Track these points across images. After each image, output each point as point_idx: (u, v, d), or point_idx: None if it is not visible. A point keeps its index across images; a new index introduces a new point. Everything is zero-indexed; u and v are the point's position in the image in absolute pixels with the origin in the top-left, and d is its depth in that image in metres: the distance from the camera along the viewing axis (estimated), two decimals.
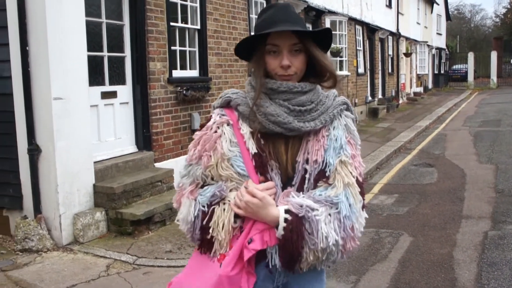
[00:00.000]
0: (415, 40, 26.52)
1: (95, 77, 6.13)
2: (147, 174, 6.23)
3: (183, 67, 7.63)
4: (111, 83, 6.44)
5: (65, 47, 5.31)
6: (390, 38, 21.46)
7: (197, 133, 1.80)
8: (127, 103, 6.67)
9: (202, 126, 1.81)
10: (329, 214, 1.61)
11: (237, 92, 1.80)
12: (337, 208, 1.62)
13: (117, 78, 6.55)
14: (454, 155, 10.46)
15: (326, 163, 1.67)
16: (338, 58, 14.20)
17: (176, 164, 6.91)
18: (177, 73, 7.37)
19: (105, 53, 6.30)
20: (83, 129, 5.58)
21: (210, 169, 1.72)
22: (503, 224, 5.92)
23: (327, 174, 1.66)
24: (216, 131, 1.74)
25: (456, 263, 4.82)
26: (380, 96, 19.55)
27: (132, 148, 6.73)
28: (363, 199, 1.72)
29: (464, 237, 5.51)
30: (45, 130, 5.26)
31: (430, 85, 31.81)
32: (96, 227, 5.53)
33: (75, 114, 5.45)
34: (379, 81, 19.60)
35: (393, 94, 21.46)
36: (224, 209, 1.69)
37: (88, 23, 5.76)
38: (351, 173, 1.67)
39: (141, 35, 6.64)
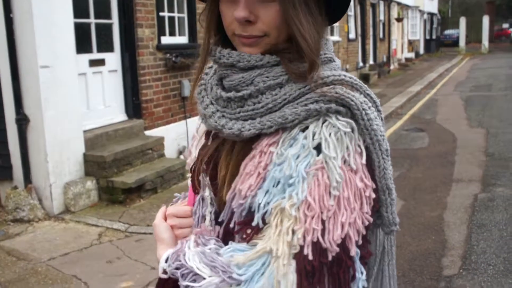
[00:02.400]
0: (407, 5, 26.27)
1: (82, 45, 6.02)
2: (137, 142, 6.20)
3: (172, 34, 7.51)
4: (99, 51, 6.34)
5: (50, 13, 5.20)
6: (381, 3, 21.23)
7: None
8: (115, 70, 6.59)
9: None
10: None
11: (211, 66, 1.15)
12: None
13: (105, 45, 6.45)
14: (445, 120, 10.48)
15: (256, 204, 0.93)
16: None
17: (166, 132, 6.87)
18: (166, 40, 7.26)
19: (92, 20, 6.18)
20: (71, 98, 5.51)
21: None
22: (492, 186, 5.97)
23: (256, 222, 0.93)
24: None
25: (447, 225, 4.87)
26: (371, 61, 19.45)
27: (122, 116, 6.67)
28: None
29: (454, 200, 5.56)
30: (32, 99, 5.19)
31: (421, 51, 31.66)
32: (87, 196, 5.51)
33: (63, 83, 5.37)
34: (370, 47, 19.48)
35: (385, 59, 21.36)
36: None
37: None
38: (291, 231, 0.88)
39: (128, 1, 6.50)
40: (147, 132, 6.75)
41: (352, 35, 16.78)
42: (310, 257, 0.86)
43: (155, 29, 6.93)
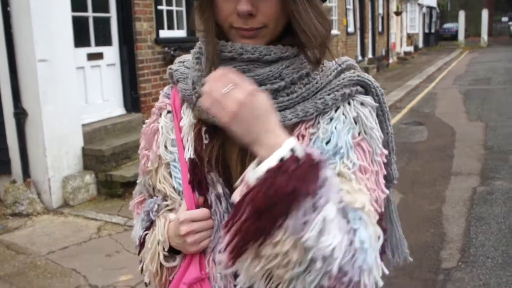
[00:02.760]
0: None
1: (80, 39, 6.01)
2: (136, 136, 6.18)
3: (170, 27, 7.50)
4: (97, 44, 6.32)
5: (48, 7, 5.17)
6: None
7: (146, 121, 1.24)
8: (114, 64, 6.57)
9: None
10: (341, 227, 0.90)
11: (185, 61, 1.17)
12: (352, 231, 0.91)
13: (103, 39, 6.43)
14: (444, 113, 10.48)
15: None
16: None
17: None
18: (164, 33, 7.24)
19: (90, 14, 6.16)
20: (70, 92, 5.50)
21: (150, 177, 1.19)
22: (491, 180, 5.97)
23: None
24: (155, 121, 1.19)
25: (445, 219, 4.88)
26: (370, 55, 19.43)
27: (120, 110, 6.66)
28: (383, 244, 0.98)
29: (453, 193, 5.56)
30: (31, 93, 5.18)
31: (420, 44, 31.63)
32: (86, 190, 5.51)
33: (61, 76, 5.35)
34: (369, 41, 19.45)
35: (383, 53, 21.33)
36: (151, 239, 1.14)
37: None
38: (359, 190, 0.97)
39: None
40: (144, 126, 6.72)
41: (351, 29, 16.75)
42: (379, 211, 1.00)
43: (153, 22, 6.91)
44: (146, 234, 1.16)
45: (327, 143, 1.00)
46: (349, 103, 1.04)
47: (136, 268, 1.20)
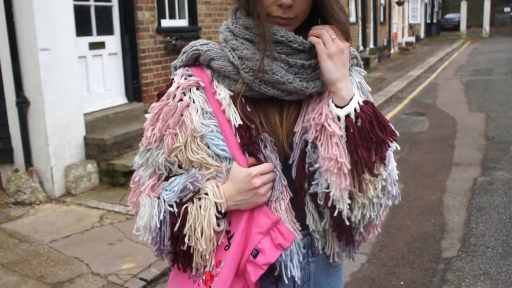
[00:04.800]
0: None
1: (82, 28, 6.00)
2: (137, 125, 6.19)
3: (172, 17, 7.48)
4: (98, 34, 6.31)
5: None
6: None
7: (153, 104, 1.30)
8: (115, 53, 6.57)
9: (160, 94, 1.31)
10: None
11: (207, 43, 1.28)
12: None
13: (105, 28, 6.42)
14: (445, 104, 10.47)
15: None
16: None
17: None
18: (166, 23, 7.23)
19: (91, 2, 6.15)
20: (71, 81, 5.50)
21: (176, 153, 1.25)
22: (492, 170, 5.99)
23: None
24: (181, 99, 1.25)
25: (446, 209, 4.90)
26: (371, 45, 19.37)
27: (122, 100, 6.66)
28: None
29: (454, 184, 5.58)
30: (33, 82, 5.18)
31: (422, 35, 31.52)
32: (88, 179, 5.53)
33: (63, 65, 5.35)
34: (370, 31, 19.38)
35: (385, 43, 21.27)
36: (200, 207, 1.22)
37: None
38: None
39: None
40: (148, 116, 6.73)
41: (352, 19, 16.69)
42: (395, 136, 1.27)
43: (155, 12, 6.89)
44: (187, 206, 1.23)
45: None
46: (351, 72, 1.32)
47: (138, 256, 1.22)
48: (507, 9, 46.57)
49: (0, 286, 3.61)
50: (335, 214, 1.21)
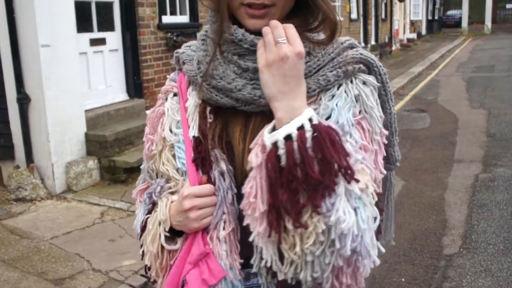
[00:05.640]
0: None
1: (82, 24, 5.99)
2: (138, 121, 6.19)
3: (173, 13, 7.47)
4: (99, 30, 6.30)
5: None
6: None
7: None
8: (116, 50, 6.56)
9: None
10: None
11: (191, 45, 1.21)
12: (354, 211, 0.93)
13: (106, 24, 6.41)
14: (446, 101, 10.46)
15: None
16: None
17: None
18: (167, 19, 7.22)
19: None
20: (72, 77, 5.49)
21: (153, 161, 1.18)
22: (493, 167, 5.98)
23: None
24: (161, 105, 1.20)
25: (447, 205, 4.89)
26: (373, 42, 19.34)
27: (123, 96, 6.66)
28: (379, 224, 0.97)
29: (455, 180, 5.57)
30: (33, 79, 5.17)
31: (423, 31, 31.46)
32: (89, 175, 5.53)
33: (64, 62, 5.34)
34: (372, 27, 19.34)
35: (386, 40, 21.23)
36: (152, 220, 1.14)
37: None
38: (362, 169, 0.96)
39: None
40: (149, 112, 6.72)
41: (354, 15, 16.66)
42: (378, 191, 0.99)
43: (156, 8, 6.88)
44: (148, 218, 1.15)
45: (327, 119, 1.00)
46: (351, 81, 1.04)
47: (139, 252, 1.21)
48: (509, 6, 46.49)
49: (1, 283, 3.61)
50: (262, 264, 0.99)
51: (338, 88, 1.03)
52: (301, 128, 0.88)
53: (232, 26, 1.03)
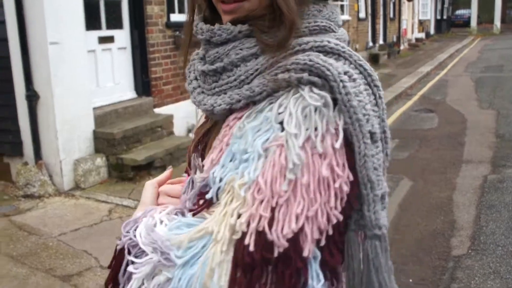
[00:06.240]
0: None
1: (91, 22, 5.99)
2: (146, 119, 6.20)
3: (181, 11, 7.46)
4: (108, 28, 6.31)
5: None
6: None
7: None
8: (125, 48, 6.57)
9: None
10: (155, 275, 0.84)
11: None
12: (168, 270, 0.81)
13: (114, 22, 6.42)
14: (455, 101, 10.41)
15: (211, 178, 0.82)
16: (339, 2, 13.92)
17: (175, 110, 6.87)
18: (175, 17, 7.22)
19: None
20: (81, 75, 5.51)
21: None
22: (502, 168, 5.94)
23: (210, 196, 0.82)
24: None
25: (456, 206, 4.87)
26: (381, 41, 19.28)
27: (131, 94, 6.67)
28: None
29: (464, 181, 5.54)
30: (42, 76, 5.19)
31: (432, 31, 31.32)
32: (97, 173, 5.54)
33: (72, 59, 5.36)
34: (380, 27, 19.28)
35: (395, 39, 21.15)
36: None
37: None
38: (236, 214, 0.75)
39: None
40: (156, 110, 6.75)
41: (362, 14, 16.61)
42: (251, 248, 0.72)
43: (164, 6, 6.89)
44: None
45: (238, 140, 0.82)
46: (293, 95, 0.78)
47: None
48: None
49: (10, 278, 3.63)
50: None
51: (271, 103, 0.81)
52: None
53: (198, 23, 0.92)
